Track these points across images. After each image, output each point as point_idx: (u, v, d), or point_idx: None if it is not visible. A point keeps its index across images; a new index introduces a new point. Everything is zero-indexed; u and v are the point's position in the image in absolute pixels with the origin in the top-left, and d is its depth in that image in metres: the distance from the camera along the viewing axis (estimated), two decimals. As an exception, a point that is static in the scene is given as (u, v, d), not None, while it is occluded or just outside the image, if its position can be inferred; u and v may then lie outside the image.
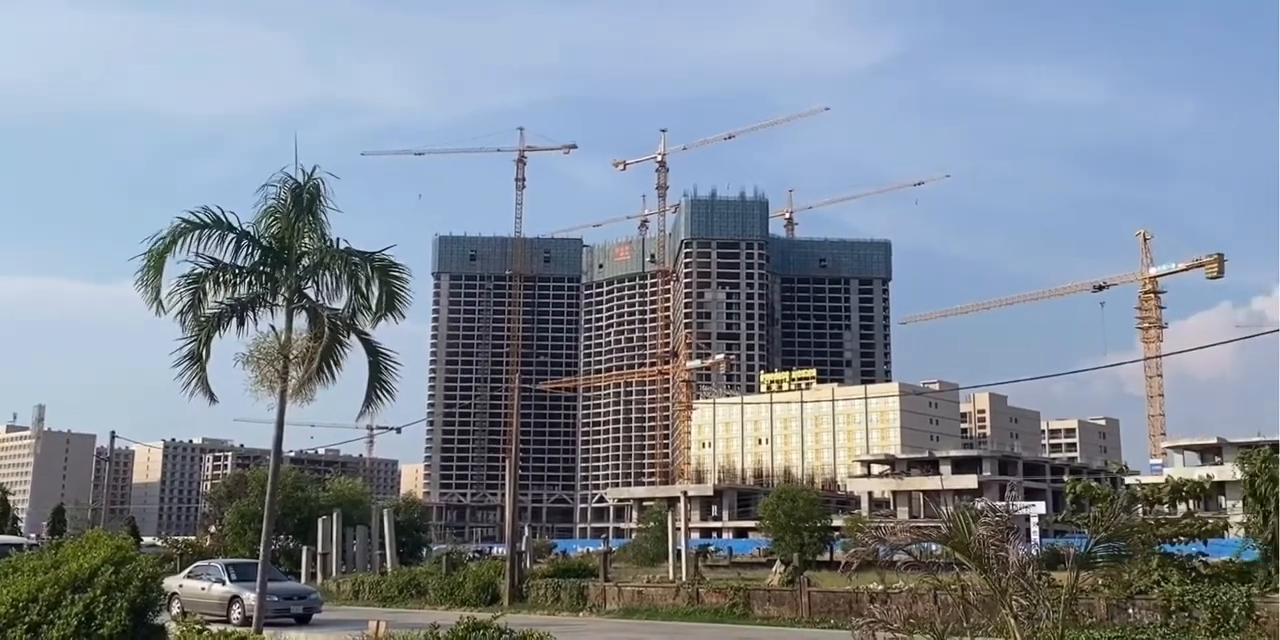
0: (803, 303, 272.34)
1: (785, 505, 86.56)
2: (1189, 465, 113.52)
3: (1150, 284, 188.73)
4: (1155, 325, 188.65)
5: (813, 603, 35.22)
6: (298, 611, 35.86)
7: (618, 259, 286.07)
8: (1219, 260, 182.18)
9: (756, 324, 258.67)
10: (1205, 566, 34.21)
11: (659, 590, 40.84)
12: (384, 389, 24.66)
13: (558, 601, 41.88)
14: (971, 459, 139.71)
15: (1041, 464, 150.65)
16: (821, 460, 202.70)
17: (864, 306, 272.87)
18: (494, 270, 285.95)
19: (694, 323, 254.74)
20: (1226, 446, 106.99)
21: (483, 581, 44.56)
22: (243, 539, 62.57)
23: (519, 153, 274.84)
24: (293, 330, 23.66)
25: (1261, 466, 33.98)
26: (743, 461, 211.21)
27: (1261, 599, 27.77)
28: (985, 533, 12.67)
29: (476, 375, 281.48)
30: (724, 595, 37.94)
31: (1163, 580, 31.20)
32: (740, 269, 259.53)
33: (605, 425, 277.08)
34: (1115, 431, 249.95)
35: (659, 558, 72.65)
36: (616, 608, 40.05)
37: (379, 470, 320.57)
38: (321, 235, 23.99)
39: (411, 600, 45.96)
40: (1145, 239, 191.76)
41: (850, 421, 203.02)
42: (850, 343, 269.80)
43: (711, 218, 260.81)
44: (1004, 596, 12.44)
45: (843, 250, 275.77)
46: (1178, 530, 34.33)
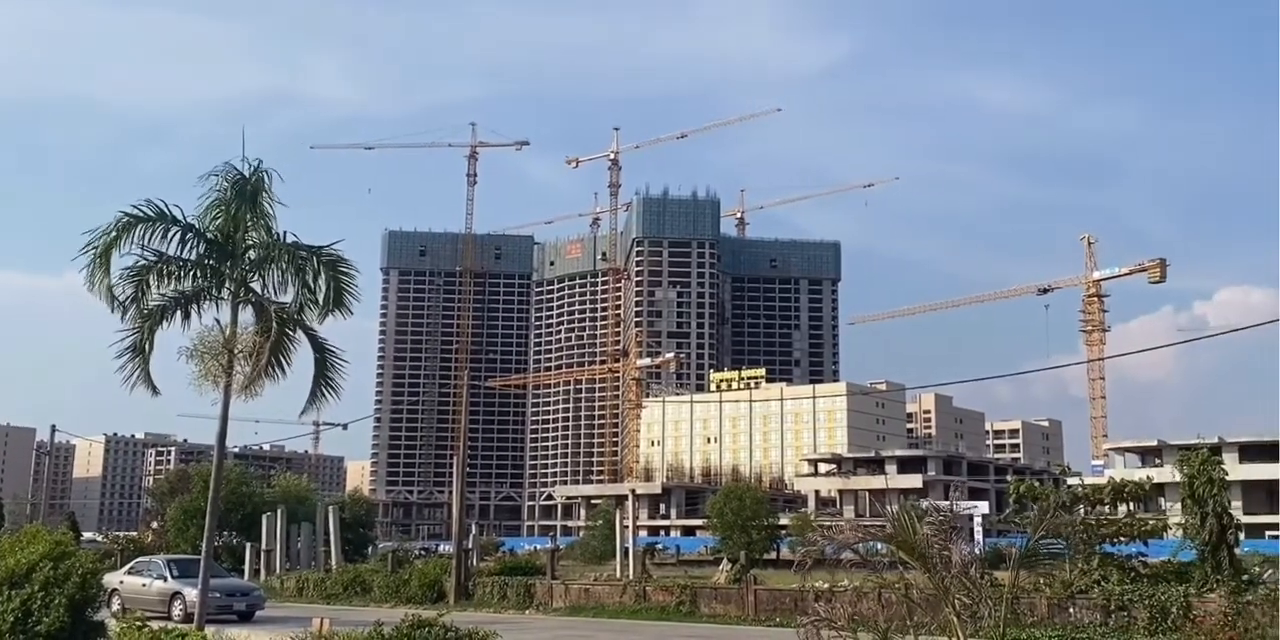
0: (753, 302, 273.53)
1: (733, 504, 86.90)
2: (1130, 467, 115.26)
3: (1094, 288, 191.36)
4: (1098, 328, 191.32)
5: (759, 601, 35.36)
6: (240, 608, 35.48)
7: (569, 257, 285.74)
8: (1161, 265, 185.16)
9: (707, 323, 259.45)
10: (1144, 566, 34.72)
11: (606, 588, 40.82)
12: (330, 385, 24.42)
13: (504, 599, 41.74)
14: (917, 459, 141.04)
15: (985, 464, 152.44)
16: (769, 459, 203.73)
17: (813, 307, 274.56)
18: (444, 266, 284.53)
19: (644, 321, 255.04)
20: (1166, 449, 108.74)
21: (428, 579, 44.31)
22: (185, 535, 61.85)
23: (470, 148, 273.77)
24: (238, 324, 23.39)
25: (1200, 469, 34.52)
26: (691, 460, 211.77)
27: (1198, 599, 28.23)
28: (929, 532, 12.78)
29: (425, 372, 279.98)
30: (671, 593, 37.99)
31: (1103, 580, 31.63)
32: (691, 268, 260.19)
33: (554, 423, 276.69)
34: (1058, 433, 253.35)
35: (606, 556, 72.70)
36: (563, 605, 39.99)
37: (325, 467, 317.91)
38: (267, 229, 23.72)
39: (356, 598, 45.60)
40: (1089, 243, 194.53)
41: (798, 421, 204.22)
42: (799, 342, 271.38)
43: (663, 217, 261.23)
44: (947, 595, 12.55)
45: (793, 250, 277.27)
46: (1118, 530, 34.82)
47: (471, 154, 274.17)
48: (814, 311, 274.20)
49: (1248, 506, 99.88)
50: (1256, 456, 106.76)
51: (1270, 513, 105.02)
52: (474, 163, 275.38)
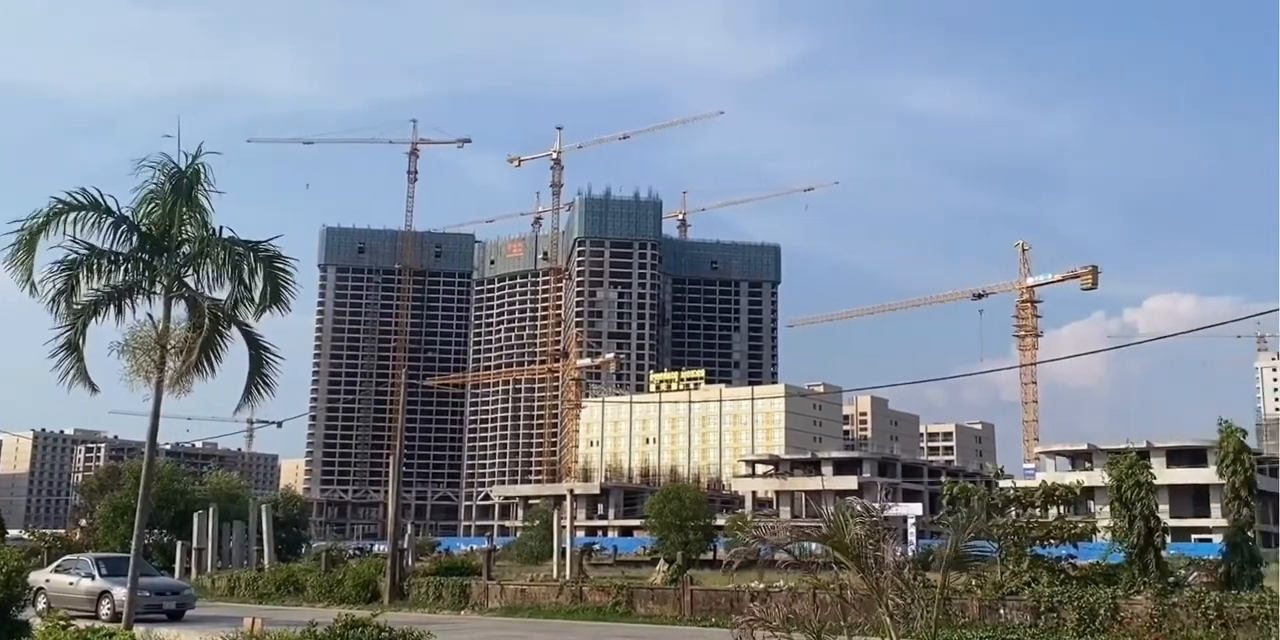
0: (693, 304, 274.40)
1: (671, 504, 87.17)
2: (1061, 470, 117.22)
3: (1027, 293, 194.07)
4: (1031, 334, 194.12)
5: (695, 601, 35.49)
6: (170, 607, 35.01)
7: (510, 256, 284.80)
8: (1093, 272, 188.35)
9: (647, 324, 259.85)
10: (1074, 568, 35.26)
11: (542, 588, 40.75)
12: (264, 382, 24.11)
13: (439, 600, 41.52)
14: (853, 460, 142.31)
15: (920, 466, 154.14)
16: (708, 460, 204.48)
17: (753, 309, 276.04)
18: (383, 263, 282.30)
19: (585, 321, 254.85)
20: (1096, 453, 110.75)
21: (363, 579, 43.98)
22: (114, 533, 60.84)
23: (411, 145, 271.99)
24: (171, 320, 23.03)
25: (1128, 473, 35.11)
26: (630, 460, 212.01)
27: (1126, 601, 28.74)
28: (863, 533, 12.90)
29: (362, 370, 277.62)
30: (607, 594, 38.01)
31: (1033, 582, 32.08)
32: (633, 269, 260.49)
33: (492, 423, 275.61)
34: (991, 436, 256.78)
35: (544, 556, 72.55)
36: (499, 606, 39.85)
37: (258, 465, 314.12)
38: (204, 223, 23.37)
39: (289, 597, 45.14)
40: (1023, 249, 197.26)
41: (737, 422, 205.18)
42: (739, 344, 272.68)
43: (605, 217, 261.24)
44: (880, 596, 12.67)
45: (734, 253, 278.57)
46: (1048, 533, 35.32)
47: (412, 151, 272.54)
48: (754, 313, 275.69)
49: (1174, 510, 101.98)
50: (1183, 461, 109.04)
51: (1196, 516, 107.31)
52: (415, 160, 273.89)
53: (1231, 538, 37.78)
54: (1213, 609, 27.02)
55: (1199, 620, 27.07)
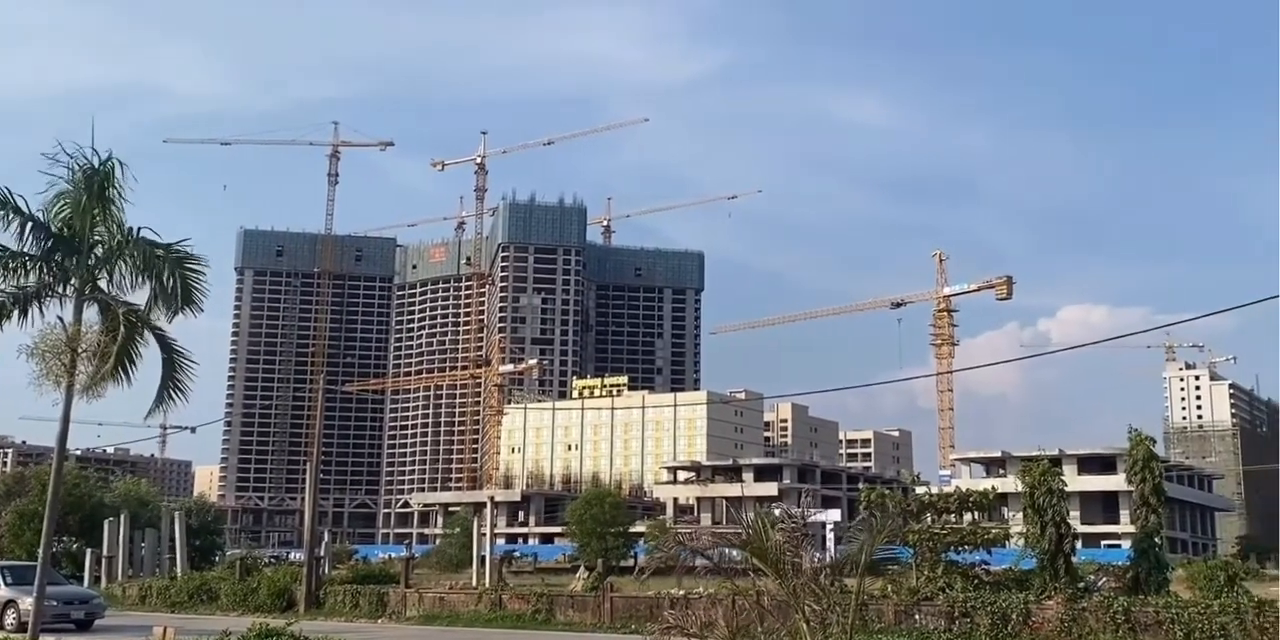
0: (617, 310, 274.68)
1: (591, 511, 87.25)
2: (976, 476, 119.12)
3: (944, 303, 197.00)
4: (948, 342, 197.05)
5: (615, 608, 35.53)
6: (78, 617, 34.30)
7: (432, 260, 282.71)
8: (1008, 282, 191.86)
9: (571, 330, 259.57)
10: (987, 574, 35.88)
11: (461, 596, 40.53)
12: (177, 387, 23.68)
13: (356, 608, 41.15)
14: (773, 467, 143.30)
15: (839, 473, 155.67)
16: (630, 466, 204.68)
17: (676, 315, 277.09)
18: (301, 267, 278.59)
19: (508, 327, 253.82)
20: (1010, 460, 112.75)
21: (278, 587, 43.43)
22: (20, 540, 59.36)
23: (332, 147, 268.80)
24: (82, 323, 22.53)
25: (1040, 479, 35.82)
26: (552, 467, 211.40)
27: (1037, 605, 29.31)
28: (781, 539, 13.02)
29: (279, 375, 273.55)
30: (527, 601, 37.94)
31: (948, 587, 32.58)
32: (556, 275, 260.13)
33: (413, 429, 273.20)
34: (908, 443, 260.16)
35: (463, 564, 72.13)
36: (417, 614, 39.59)
37: (172, 471, 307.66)
38: (118, 224, 22.90)
39: (202, 606, 44.44)
40: (940, 259, 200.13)
41: (659, 428, 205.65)
42: (662, 351, 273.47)
43: (529, 222, 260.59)
44: (797, 602, 12.79)
45: (658, 259, 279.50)
46: (962, 539, 35.90)
47: (333, 153, 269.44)
48: (677, 320, 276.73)
49: (1085, 516, 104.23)
50: (1094, 468, 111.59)
51: (1106, 522, 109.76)
52: (335, 162, 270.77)
53: (1139, 544, 38.69)
54: (1121, 614, 27.68)
55: (1107, 624, 27.71)
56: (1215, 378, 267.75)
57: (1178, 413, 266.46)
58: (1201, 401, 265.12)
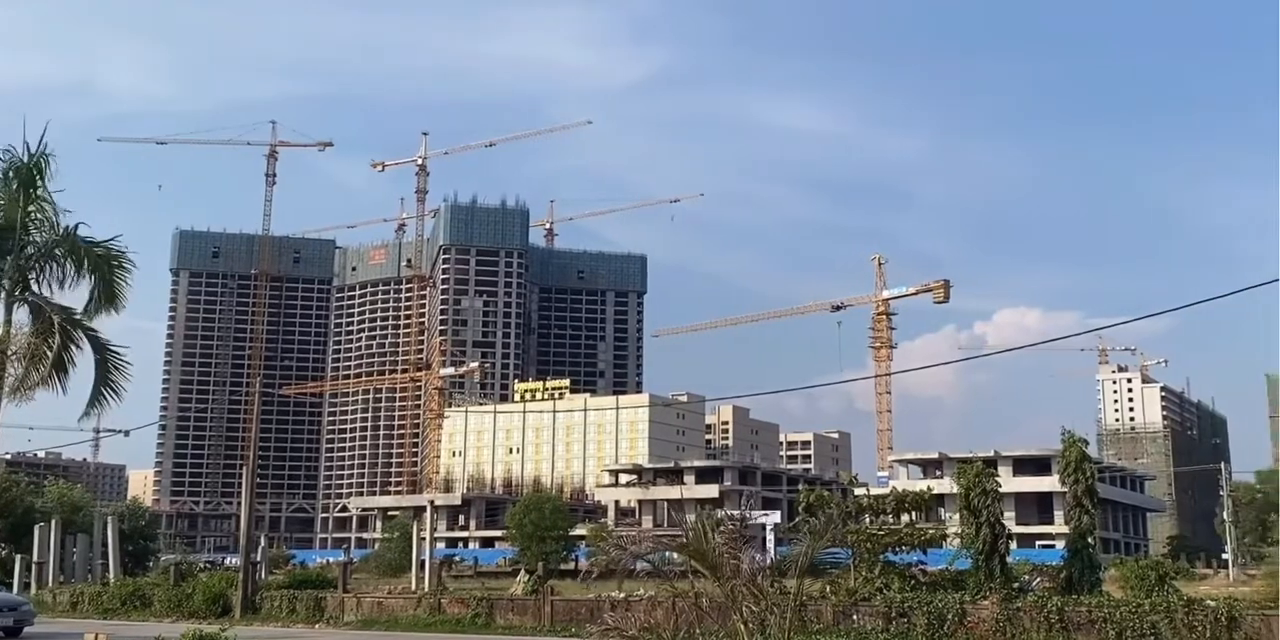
0: (559, 313, 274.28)
1: (532, 515, 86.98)
2: (913, 478, 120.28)
3: (883, 306, 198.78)
4: (886, 345, 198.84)
5: (555, 612, 35.49)
6: (6, 624, 33.63)
7: (372, 262, 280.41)
8: (945, 286, 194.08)
9: (513, 333, 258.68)
10: (924, 574, 36.31)
11: (400, 601, 40.29)
12: (111, 389, 23.31)
13: (293, 613, 40.75)
14: (714, 469, 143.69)
15: (779, 474, 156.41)
16: (571, 470, 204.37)
17: (619, 318, 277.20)
18: (239, 268, 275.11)
19: (449, 330, 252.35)
20: (946, 461, 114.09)
21: (213, 592, 42.89)
22: (-54, 548, 58.06)
23: (270, 147, 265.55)
24: (12, 324, 22.10)
25: (975, 481, 36.31)
26: (493, 471, 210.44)
27: (972, 605, 29.69)
28: (720, 541, 13.09)
29: (215, 377, 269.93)
30: (466, 605, 37.79)
31: (885, 587, 32.93)
32: (499, 277, 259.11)
33: (351, 432, 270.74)
34: (847, 444, 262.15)
35: (402, 568, 71.74)
36: (355, 619, 39.27)
37: (105, 475, 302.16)
38: (51, 223, 22.50)
39: (136, 612, 43.76)
40: (879, 263, 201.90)
41: (601, 431, 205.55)
42: (604, 354, 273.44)
43: (471, 224, 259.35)
44: (736, 603, 12.86)
45: (600, 262, 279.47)
46: (899, 539, 36.30)
47: (271, 153, 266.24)
48: (619, 323, 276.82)
49: (1020, 517, 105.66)
50: (1028, 469, 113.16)
51: (1040, 523, 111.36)
52: (274, 162, 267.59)
53: (1073, 544, 39.35)
54: (1054, 613, 28.13)
55: (1041, 624, 28.14)
56: (1147, 380, 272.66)
57: (1110, 415, 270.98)
58: (1134, 404, 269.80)
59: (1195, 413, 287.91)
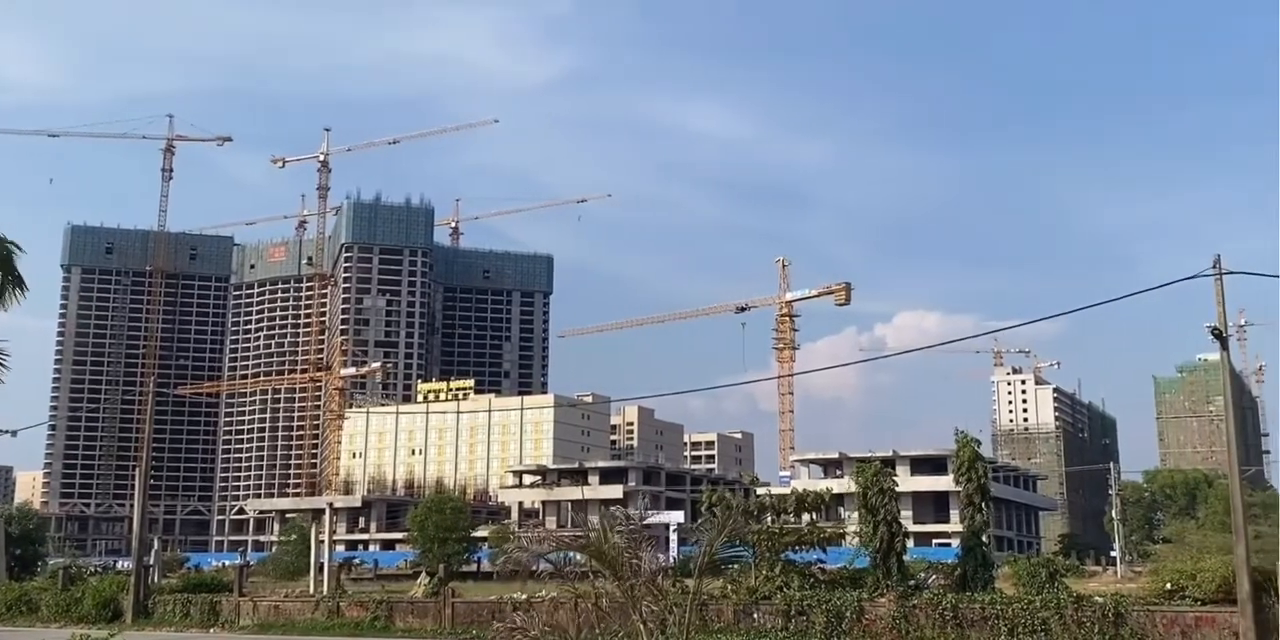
0: (464, 313, 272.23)
1: (434, 516, 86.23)
2: (814, 477, 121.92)
3: (786, 308, 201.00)
4: (789, 346, 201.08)
5: (456, 614, 35.28)
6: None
7: (271, 260, 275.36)
8: (846, 289, 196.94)
9: (416, 332, 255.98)
10: (823, 573, 36.82)
11: (297, 604, 39.72)
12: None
13: (187, 617, 39.94)
14: (618, 470, 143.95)
15: (683, 475, 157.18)
16: (475, 471, 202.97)
17: (525, 319, 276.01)
18: (133, 265, 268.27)
19: (351, 329, 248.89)
20: (846, 461, 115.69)
21: (104, 597, 41.84)
22: None
23: (168, 142, 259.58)
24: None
25: (873, 480, 36.97)
26: (394, 472, 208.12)
27: (870, 603, 30.18)
28: (621, 541, 13.14)
29: (108, 377, 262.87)
30: (366, 608, 37.40)
31: (785, 586, 33.31)
32: (402, 276, 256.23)
33: (249, 433, 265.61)
34: (751, 445, 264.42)
35: (300, 571, 70.58)
36: (251, 623, 38.64)
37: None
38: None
39: (22, 617, 42.50)
40: (784, 266, 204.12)
41: (505, 432, 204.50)
42: (510, 354, 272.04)
43: (375, 222, 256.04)
44: (636, 603, 12.93)
45: (506, 262, 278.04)
46: (799, 538, 36.77)
47: (168, 148, 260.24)
48: (525, 323, 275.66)
49: (917, 516, 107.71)
50: (925, 469, 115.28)
51: (937, 521, 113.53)
52: (171, 157, 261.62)
53: (967, 542, 40.22)
54: (949, 610, 28.72)
55: (936, 621, 28.71)
56: (1040, 382, 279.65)
57: (1005, 415, 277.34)
58: (1027, 405, 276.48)
59: (1086, 414, 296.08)
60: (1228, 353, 28.47)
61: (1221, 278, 25.35)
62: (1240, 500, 27.13)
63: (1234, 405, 35.14)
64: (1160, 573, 42.06)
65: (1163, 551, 68.00)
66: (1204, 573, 36.96)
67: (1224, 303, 25.74)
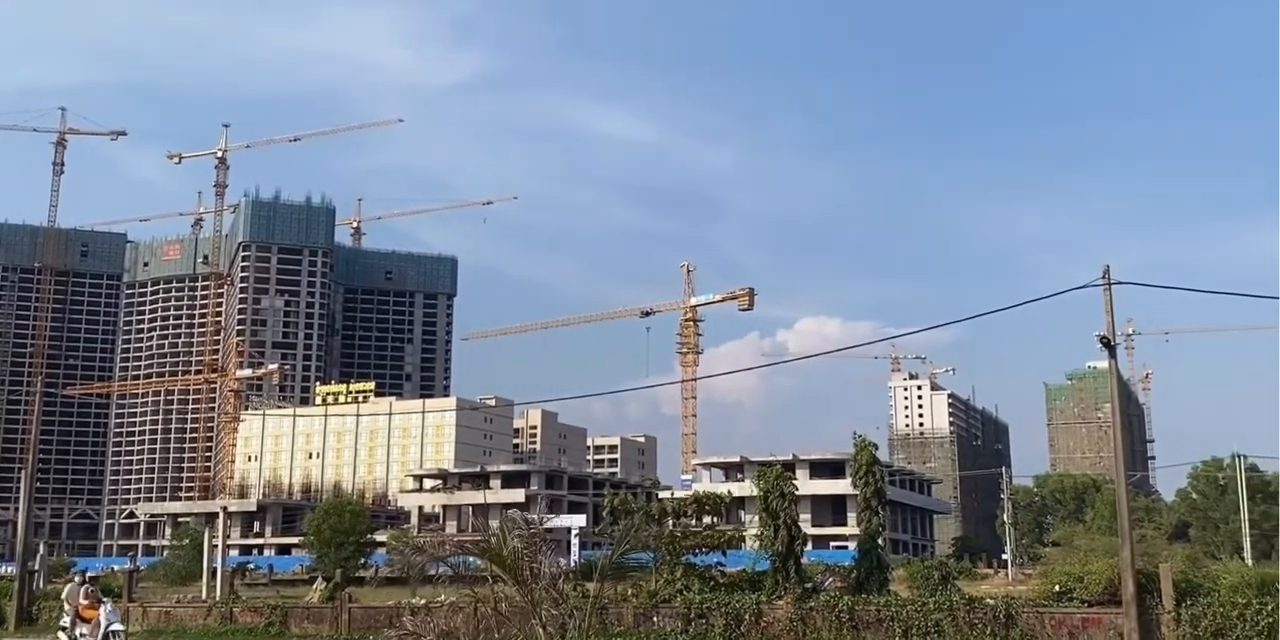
0: (365, 314, 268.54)
1: (330, 520, 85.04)
2: (716, 481, 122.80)
3: (690, 312, 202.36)
4: (693, 351, 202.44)
5: (353, 619, 34.78)
6: None
7: (166, 258, 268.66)
8: (750, 294, 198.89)
9: (316, 334, 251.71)
10: (723, 576, 37.05)
11: (189, 610, 38.87)
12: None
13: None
14: (521, 474, 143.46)
15: (586, 479, 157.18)
16: (374, 475, 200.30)
17: (427, 321, 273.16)
18: (20, 261, 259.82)
19: (248, 330, 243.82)
20: (748, 464, 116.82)
21: (-16, 604, 40.42)
22: None
23: (59, 135, 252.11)
24: None
25: (774, 484, 37.31)
26: (291, 476, 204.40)
27: (769, 606, 30.43)
28: (520, 545, 13.08)
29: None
30: (260, 614, 36.73)
31: (685, 589, 33.44)
32: (301, 276, 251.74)
33: (140, 435, 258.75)
34: (653, 448, 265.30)
35: (193, 577, 69.21)
36: (141, 629, 37.65)
37: None
38: None
39: (-107, 628, 40.78)
40: (688, 271, 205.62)
41: (406, 436, 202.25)
42: (411, 356, 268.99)
43: (274, 221, 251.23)
44: (535, 607, 12.88)
45: (409, 263, 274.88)
46: (699, 542, 36.96)
47: (59, 141, 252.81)
48: (428, 325, 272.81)
49: (815, 519, 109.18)
50: (824, 473, 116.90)
51: (835, 524, 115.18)
52: (62, 151, 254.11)
53: (863, 545, 40.81)
54: (845, 612, 29.08)
55: (832, 623, 29.05)
56: (935, 387, 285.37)
57: (901, 420, 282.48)
58: (923, 410, 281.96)
59: (980, 419, 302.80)
60: (1115, 361, 29.29)
61: (1110, 288, 26.06)
62: (1126, 504, 27.94)
63: (1121, 412, 36.19)
64: (1049, 575, 43.08)
65: (1052, 554, 69.69)
66: (1091, 575, 37.93)
67: (1112, 312, 26.47)
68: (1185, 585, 26.80)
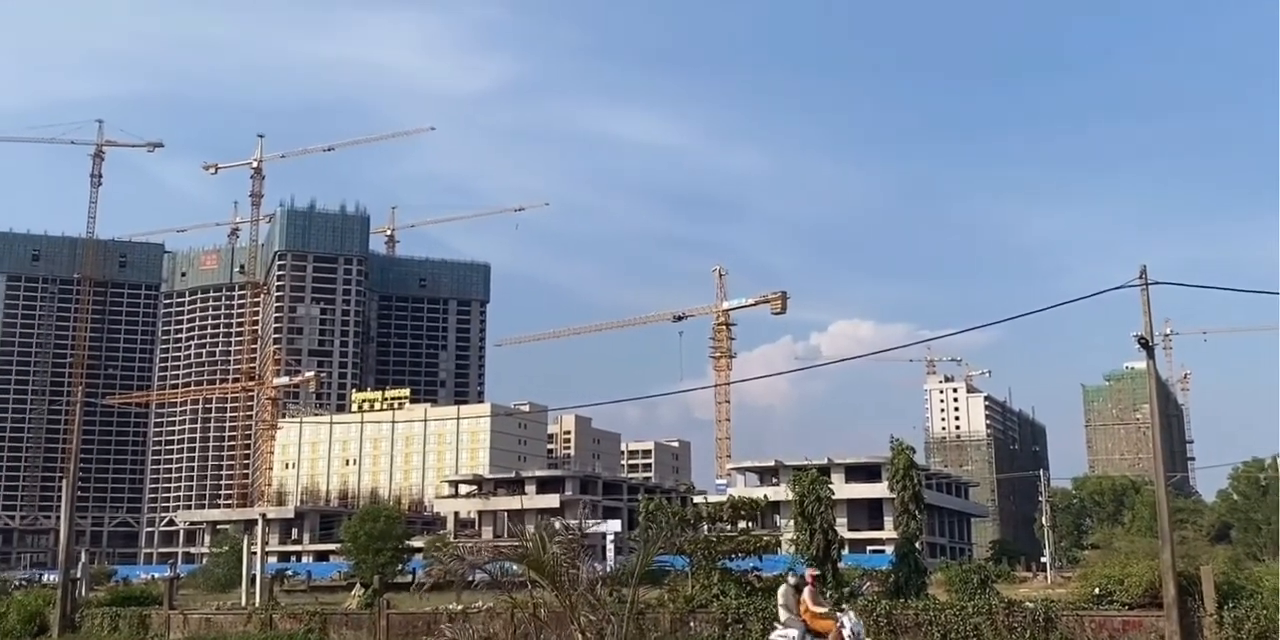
0: (400, 321, 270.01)
1: (367, 526, 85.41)
2: (750, 485, 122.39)
3: (723, 317, 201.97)
4: (726, 355, 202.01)
5: (391, 625, 34.87)
6: None
7: (203, 268, 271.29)
8: (783, 298, 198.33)
9: (351, 341, 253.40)
10: (759, 580, 36.93)
11: (229, 617, 39.11)
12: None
13: (116, 631, 39.20)
14: (555, 479, 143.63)
15: (620, 483, 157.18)
16: (410, 481, 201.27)
17: (461, 327, 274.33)
18: (60, 273, 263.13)
19: (284, 338, 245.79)
20: (782, 469, 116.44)
21: (29, 611, 40.98)
22: None
23: (96, 147, 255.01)
24: None
25: (809, 488, 37.19)
26: (328, 483, 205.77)
27: (805, 609, 30.30)
28: (558, 551, 13.14)
29: (34, 386, 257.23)
30: (299, 620, 36.88)
31: (722, 594, 33.38)
32: (337, 284, 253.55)
33: (180, 444, 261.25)
34: (687, 453, 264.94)
35: (232, 584, 69.70)
36: (182, 636, 37.99)
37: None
38: None
39: (-59, 635, 41.40)
40: (720, 275, 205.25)
41: (441, 442, 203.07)
42: (446, 363, 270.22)
43: (309, 230, 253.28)
44: (573, 613, 12.93)
45: (443, 270, 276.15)
46: (736, 546, 36.87)
47: (97, 153, 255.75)
48: (461, 332, 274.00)
49: (852, 523, 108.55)
50: (860, 477, 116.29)
51: (871, 528, 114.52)
52: (100, 163, 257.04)
53: (900, 549, 40.65)
54: (883, 617, 28.94)
55: (870, 627, 28.90)
56: (971, 390, 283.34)
57: (937, 423, 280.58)
58: (959, 413, 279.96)
59: (1016, 421, 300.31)
60: (1154, 361, 29.00)
61: (1148, 288, 25.82)
62: (1166, 506, 27.68)
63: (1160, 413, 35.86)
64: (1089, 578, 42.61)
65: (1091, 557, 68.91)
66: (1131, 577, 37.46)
67: (1150, 313, 26.22)
68: (1227, 587, 26.45)
